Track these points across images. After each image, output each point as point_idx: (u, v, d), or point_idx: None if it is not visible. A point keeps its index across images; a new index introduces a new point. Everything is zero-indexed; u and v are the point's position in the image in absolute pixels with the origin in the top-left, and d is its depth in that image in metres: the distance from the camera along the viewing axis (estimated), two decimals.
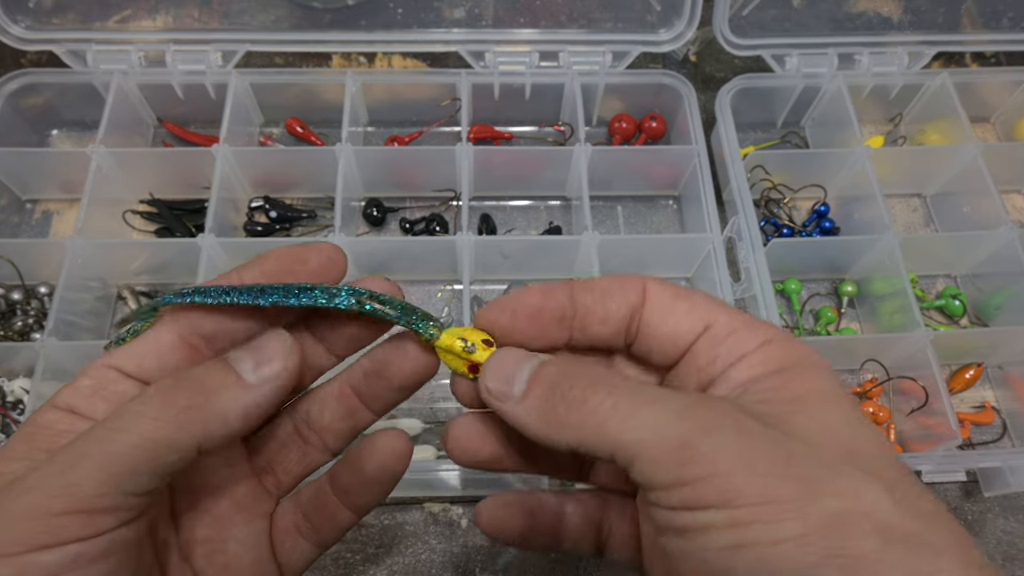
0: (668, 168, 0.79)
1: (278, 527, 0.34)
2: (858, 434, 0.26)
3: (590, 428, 0.26)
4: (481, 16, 0.78)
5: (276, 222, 0.78)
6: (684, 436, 0.24)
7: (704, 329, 0.30)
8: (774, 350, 0.29)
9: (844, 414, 0.27)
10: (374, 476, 0.33)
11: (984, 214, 0.75)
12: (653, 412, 0.25)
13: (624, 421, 0.26)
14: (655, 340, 0.31)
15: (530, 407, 0.28)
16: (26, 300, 0.71)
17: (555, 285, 0.32)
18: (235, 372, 0.28)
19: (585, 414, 0.26)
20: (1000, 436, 0.71)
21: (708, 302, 0.31)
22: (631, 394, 0.26)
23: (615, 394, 0.26)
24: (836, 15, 0.80)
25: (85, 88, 0.77)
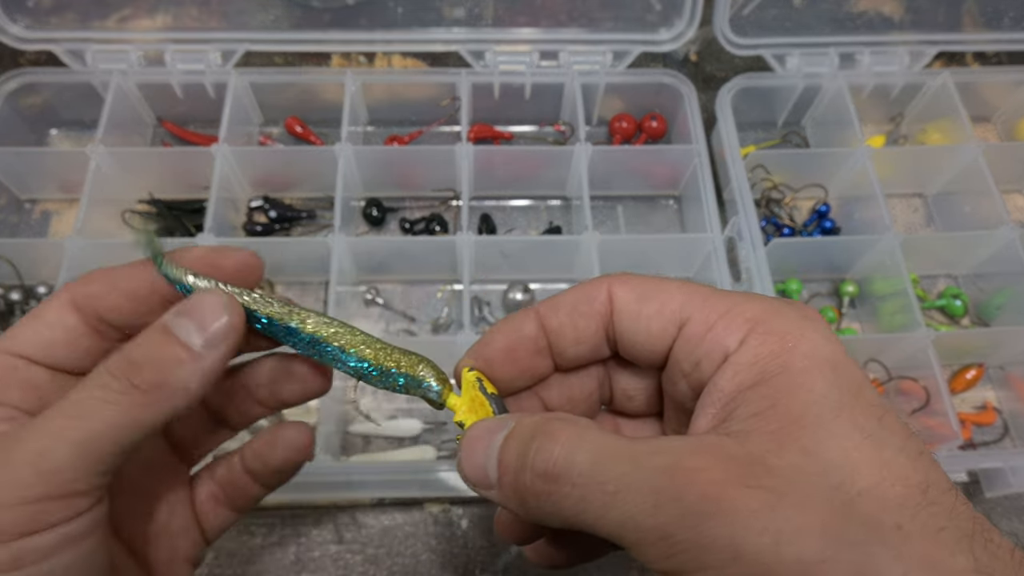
0: (668, 168, 0.79)
1: (198, 496, 0.36)
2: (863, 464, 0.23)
3: (570, 517, 0.25)
4: (481, 16, 0.77)
5: (275, 222, 0.78)
6: (664, 530, 0.23)
7: (677, 331, 0.28)
8: (759, 346, 0.26)
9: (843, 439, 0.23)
10: (278, 467, 0.35)
11: (985, 214, 0.74)
12: (626, 504, 0.23)
13: (597, 519, 0.24)
14: (635, 348, 0.30)
15: (506, 499, 0.27)
16: (25, 300, 0.71)
17: (521, 316, 0.31)
18: (183, 344, 0.27)
19: (558, 503, 0.25)
20: (1001, 436, 0.71)
21: (678, 296, 0.28)
22: (598, 483, 0.24)
23: (580, 482, 0.24)
24: (837, 14, 0.80)
25: (84, 88, 0.77)
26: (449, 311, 0.75)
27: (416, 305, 0.76)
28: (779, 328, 0.26)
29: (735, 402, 0.26)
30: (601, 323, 0.30)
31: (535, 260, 0.75)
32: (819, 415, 0.24)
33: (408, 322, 0.75)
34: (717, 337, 0.27)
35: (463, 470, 0.28)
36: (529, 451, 0.26)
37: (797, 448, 0.23)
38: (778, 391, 0.25)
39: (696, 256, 0.74)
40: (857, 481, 0.22)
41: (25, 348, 0.29)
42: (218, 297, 0.28)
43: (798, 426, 0.24)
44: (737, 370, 0.26)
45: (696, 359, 0.27)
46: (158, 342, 0.27)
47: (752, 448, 0.24)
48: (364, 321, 0.74)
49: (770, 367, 0.25)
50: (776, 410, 0.24)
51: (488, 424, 0.28)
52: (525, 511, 0.26)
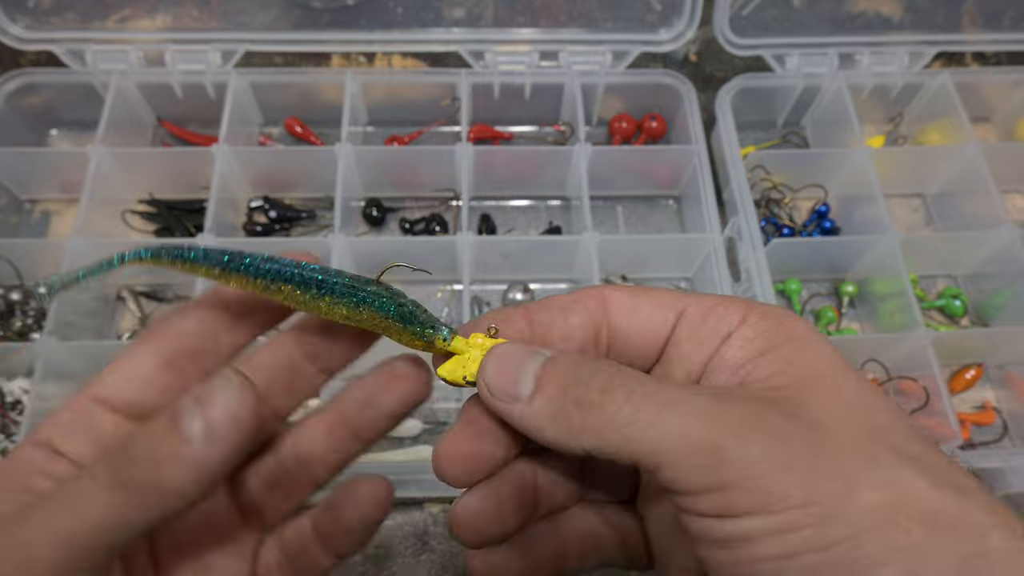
0: (668, 168, 0.79)
1: (261, 565, 0.33)
2: (876, 408, 0.25)
3: (609, 435, 0.25)
4: (481, 16, 0.78)
5: (275, 222, 0.78)
6: (712, 440, 0.23)
7: (677, 318, 0.29)
8: (760, 322, 0.28)
9: (855, 387, 0.26)
10: (354, 527, 0.32)
11: (984, 214, 0.74)
12: (676, 416, 0.24)
13: (646, 427, 0.24)
14: (629, 343, 0.30)
15: (540, 411, 0.26)
16: (25, 300, 0.71)
17: (511, 309, 0.30)
18: (182, 436, 0.24)
19: (604, 420, 0.25)
20: (1001, 436, 0.71)
21: (672, 293, 0.30)
22: (651, 396, 0.25)
23: (634, 398, 0.25)
24: (836, 15, 0.80)
25: (84, 88, 0.77)
26: (449, 311, 0.75)
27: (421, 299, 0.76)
28: (772, 311, 0.28)
29: (745, 368, 0.27)
30: (592, 322, 0.30)
31: (535, 260, 0.75)
32: (833, 370, 0.26)
33: None
34: (718, 316, 0.28)
35: (487, 376, 0.27)
36: (583, 370, 0.26)
37: (823, 391, 0.25)
38: (791, 353, 0.27)
39: (696, 256, 0.74)
40: (879, 418, 0.25)
41: (103, 391, 0.29)
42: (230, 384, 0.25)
43: (816, 377, 0.26)
44: (744, 342, 0.27)
45: (699, 338, 0.28)
46: (159, 431, 0.25)
47: (779, 394, 0.25)
48: None
49: (776, 338, 0.27)
50: (792, 368, 0.26)
51: (519, 347, 0.28)
52: (559, 427, 0.26)
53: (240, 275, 0.29)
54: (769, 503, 0.22)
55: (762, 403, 0.25)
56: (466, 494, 0.29)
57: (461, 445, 0.28)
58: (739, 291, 0.70)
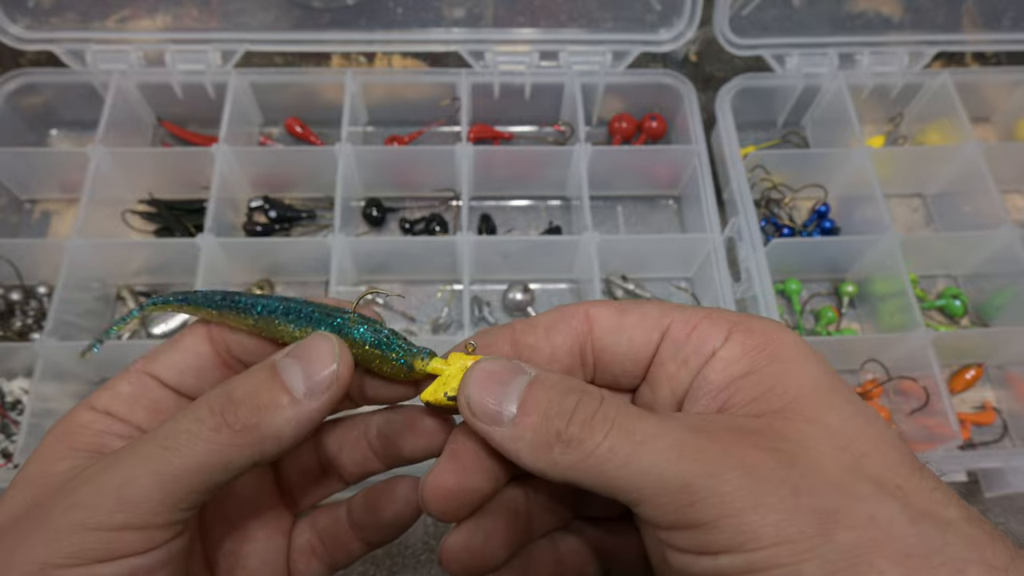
0: (668, 168, 0.79)
1: (295, 546, 0.34)
2: (858, 433, 0.25)
3: (588, 470, 0.25)
4: (481, 16, 0.78)
5: (276, 222, 0.78)
6: (685, 478, 0.23)
7: (661, 336, 0.29)
8: (744, 341, 0.27)
9: (839, 410, 0.25)
10: (389, 521, 0.33)
11: (984, 214, 0.74)
12: (651, 453, 0.24)
13: (623, 465, 0.24)
14: (614, 362, 0.30)
15: (521, 437, 0.26)
16: (25, 300, 0.71)
17: (496, 332, 0.30)
18: (286, 388, 0.27)
19: (581, 456, 0.25)
20: (1001, 436, 0.71)
21: (659, 307, 0.29)
22: (628, 433, 0.25)
23: (612, 434, 0.25)
24: (836, 15, 0.80)
25: (84, 88, 0.77)
26: (449, 311, 0.75)
27: (416, 305, 0.76)
28: (759, 327, 0.28)
29: (728, 391, 0.27)
30: (577, 341, 0.30)
31: (535, 260, 0.75)
32: (815, 392, 0.26)
33: (408, 322, 0.75)
34: (702, 335, 0.28)
35: (471, 399, 0.27)
36: (567, 401, 0.26)
37: (802, 418, 0.25)
38: (772, 377, 0.26)
39: (696, 256, 0.74)
40: (859, 446, 0.24)
41: (161, 370, 0.30)
42: (330, 343, 0.27)
43: (798, 402, 0.25)
44: (727, 363, 0.27)
45: (683, 357, 0.28)
46: (262, 381, 0.27)
47: (759, 423, 0.25)
48: None
49: (759, 359, 0.27)
50: (774, 392, 0.26)
51: (503, 363, 0.27)
52: (539, 456, 0.26)
53: (233, 314, 0.31)
54: (743, 542, 0.22)
55: (740, 434, 0.25)
56: (454, 528, 0.29)
57: (446, 480, 0.28)
58: (739, 291, 0.70)
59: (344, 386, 0.27)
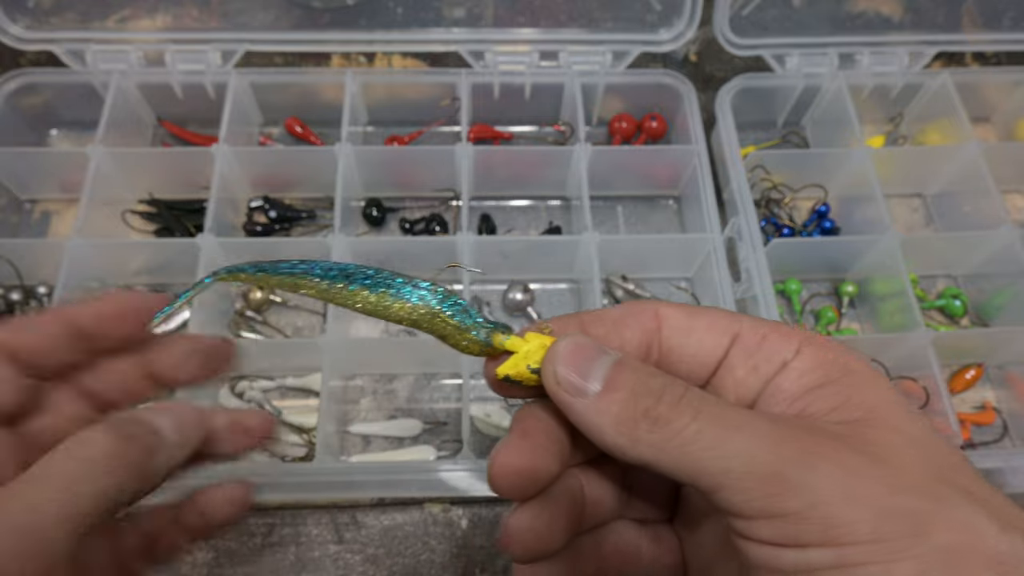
0: (668, 168, 0.79)
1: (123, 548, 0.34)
2: (941, 447, 0.25)
3: (672, 450, 0.25)
4: (481, 16, 0.78)
5: (275, 222, 0.78)
6: (777, 466, 0.23)
7: (731, 341, 0.29)
8: (816, 354, 0.27)
9: (919, 425, 0.25)
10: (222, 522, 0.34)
11: (984, 214, 0.74)
12: (742, 439, 0.24)
13: (711, 448, 0.24)
14: (681, 363, 0.29)
15: (606, 411, 0.26)
16: (25, 300, 0.71)
17: (565, 320, 0.30)
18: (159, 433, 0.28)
19: (668, 435, 0.25)
20: (1001, 436, 0.71)
21: (727, 314, 0.29)
22: (717, 417, 0.25)
23: (701, 417, 0.25)
24: (836, 15, 0.80)
25: (84, 88, 0.77)
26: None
27: None
28: (827, 343, 0.28)
29: (804, 400, 0.27)
30: (644, 338, 0.29)
31: (535, 260, 0.75)
32: (895, 404, 0.26)
33: None
34: (773, 345, 0.28)
35: (556, 363, 0.27)
36: (655, 381, 0.26)
37: (887, 427, 0.25)
38: (849, 387, 0.26)
39: (696, 256, 0.74)
40: (945, 458, 0.24)
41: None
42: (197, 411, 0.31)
43: (881, 412, 0.25)
44: (801, 373, 0.27)
45: (753, 364, 0.28)
46: None
47: (845, 428, 0.25)
48: (364, 322, 0.74)
49: (832, 371, 0.27)
50: (852, 402, 0.26)
51: (590, 341, 0.28)
52: (621, 432, 0.25)
53: (308, 280, 0.31)
54: (835, 536, 0.22)
55: (827, 434, 0.24)
56: (519, 509, 0.29)
57: (517, 459, 0.28)
58: (739, 291, 0.70)
59: None
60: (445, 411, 0.70)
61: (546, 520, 0.29)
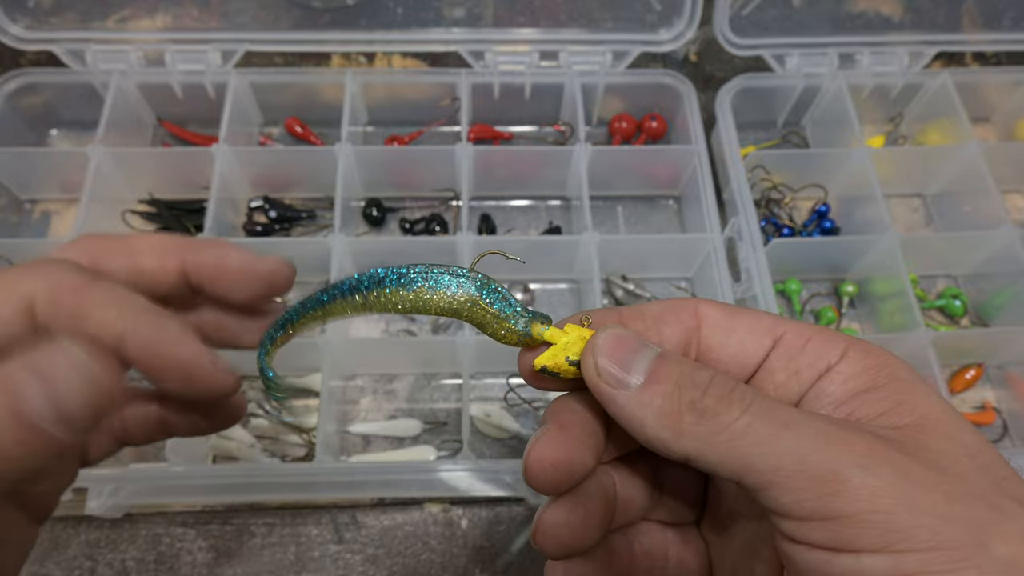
0: (668, 168, 0.79)
1: None
2: (994, 456, 0.24)
3: (719, 445, 0.24)
4: (481, 16, 0.78)
5: (276, 222, 0.78)
6: (832, 466, 0.22)
7: (773, 343, 0.28)
8: (862, 359, 0.26)
9: (971, 433, 0.25)
10: None
11: (985, 214, 0.74)
12: (795, 436, 0.23)
13: (761, 443, 0.23)
14: (720, 363, 0.29)
15: (648, 403, 0.25)
16: None
17: (603, 313, 0.30)
18: None
19: (715, 428, 0.24)
20: (1001, 437, 0.71)
21: (768, 316, 0.29)
22: (768, 413, 0.24)
23: (751, 411, 0.24)
24: (836, 15, 0.80)
25: (84, 88, 0.77)
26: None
27: None
28: (873, 349, 0.27)
29: (851, 404, 0.26)
30: (684, 335, 0.29)
31: (535, 260, 0.75)
32: (947, 411, 0.25)
33: (408, 322, 0.75)
34: (816, 349, 0.27)
35: (598, 356, 0.26)
36: (701, 374, 0.25)
37: (941, 435, 0.24)
38: (898, 393, 0.25)
39: (696, 256, 0.74)
40: (999, 468, 0.24)
41: None
42: None
43: (933, 419, 0.25)
44: (846, 378, 0.26)
45: (795, 368, 0.27)
46: None
47: (897, 433, 0.24)
48: (364, 322, 0.74)
49: (879, 376, 0.26)
50: (904, 407, 0.25)
51: (631, 333, 0.27)
52: (666, 425, 0.25)
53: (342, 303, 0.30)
54: (893, 542, 0.21)
55: (881, 438, 0.24)
56: (553, 503, 0.28)
57: (554, 452, 0.27)
58: (739, 291, 0.70)
59: None
60: (445, 411, 0.70)
61: (580, 516, 0.28)
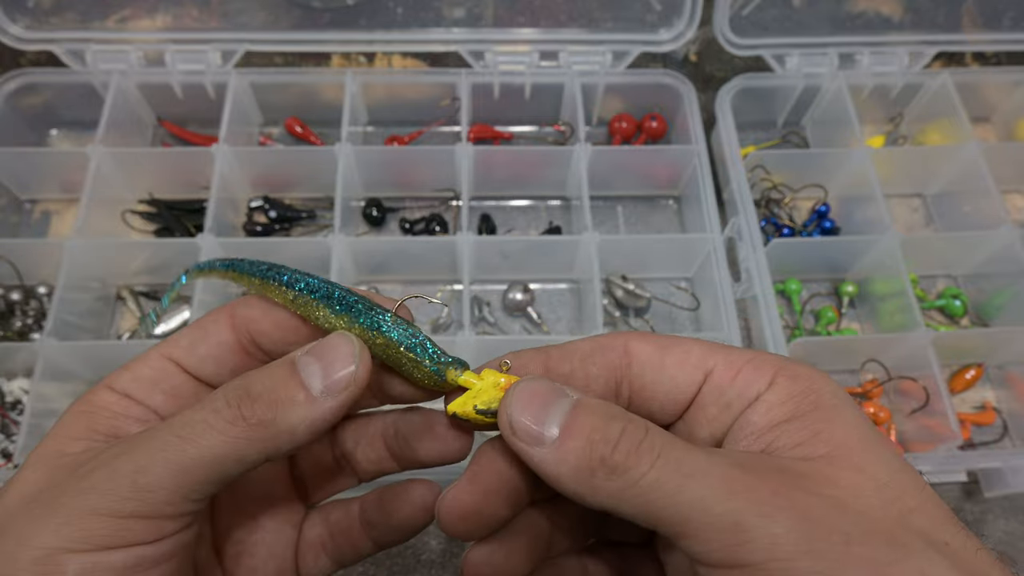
0: (668, 168, 0.79)
1: (304, 538, 0.34)
2: (905, 487, 0.24)
3: (631, 498, 0.24)
4: (481, 16, 0.78)
5: (275, 222, 0.78)
6: (736, 517, 0.23)
7: (704, 377, 0.28)
8: (788, 386, 0.27)
9: (885, 463, 0.25)
10: (401, 524, 0.33)
11: (984, 214, 0.74)
12: (700, 487, 0.23)
13: (668, 496, 0.23)
14: (653, 400, 0.29)
15: (562, 461, 0.25)
16: (25, 300, 0.71)
17: (529, 356, 0.30)
18: (304, 385, 0.26)
19: (626, 483, 0.24)
20: (1001, 436, 0.71)
21: (700, 346, 0.29)
22: (675, 465, 0.24)
23: (659, 464, 0.24)
24: (836, 15, 0.80)
25: (84, 88, 0.77)
26: (449, 311, 0.75)
27: (416, 305, 0.76)
28: (802, 374, 0.27)
29: (772, 434, 0.26)
30: (614, 375, 0.29)
31: (535, 260, 0.75)
32: (863, 440, 0.25)
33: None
34: (747, 380, 0.27)
35: (513, 418, 0.26)
36: (612, 427, 0.25)
37: (851, 467, 0.25)
38: (817, 422, 0.26)
39: (696, 256, 0.74)
40: (906, 500, 0.24)
41: (181, 356, 0.30)
42: (350, 345, 0.27)
43: (846, 449, 0.25)
44: (770, 407, 0.27)
45: (726, 401, 0.28)
46: (280, 377, 0.27)
47: (807, 466, 0.25)
48: None
49: (803, 405, 0.26)
50: (820, 437, 0.25)
51: (546, 384, 0.27)
52: (580, 481, 0.25)
53: (275, 286, 0.30)
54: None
55: (788, 476, 0.24)
56: (477, 544, 0.29)
57: (466, 501, 0.28)
58: (739, 291, 0.70)
59: (361, 387, 0.27)
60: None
61: (503, 555, 0.29)
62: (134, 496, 0.24)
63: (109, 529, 0.24)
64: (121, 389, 0.29)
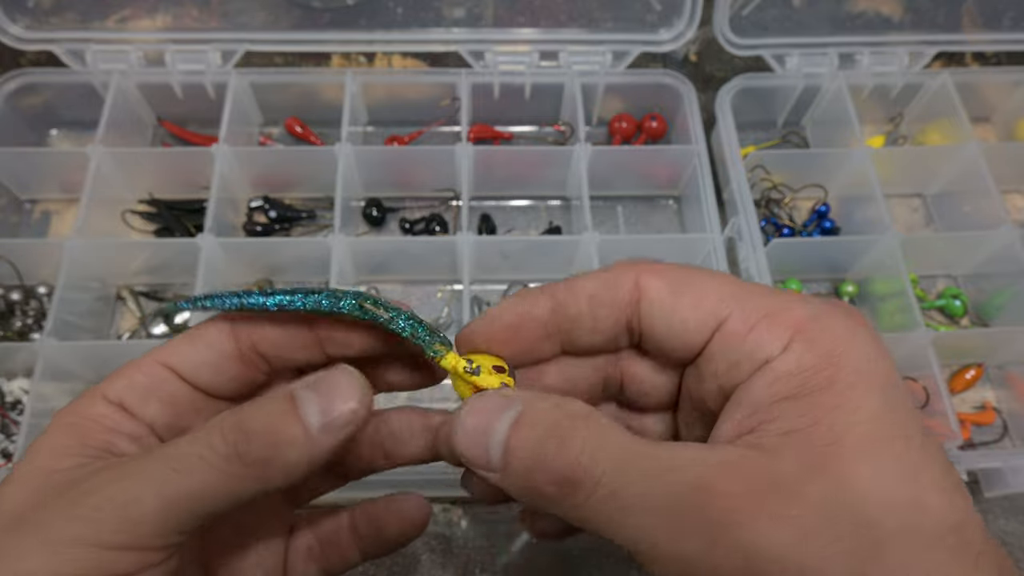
0: (668, 168, 0.79)
1: (293, 547, 0.34)
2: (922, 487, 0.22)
3: (576, 519, 0.24)
4: (481, 16, 0.78)
5: (276, 222, 0.78)
6: (681, 555, 0.22)
7: (718, 325, 0.26)
8: (802, 355, 0.24)
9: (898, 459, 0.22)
10: (390, 537, 0.33)
11: (985, 214, 0.74)
12: (642, 522, 0.22)
13: (610, 523, 0.23)
14: (663, 340, 0.27)
15: (512, 485, 0.25)
16: (25, 300, 0.71)
17: (535, 296, 0.29)
18: (302, 422, 0.25)
19: (567, 508, 0.24)
20: (1001, 436, 0.71)
21: (718, 288, 0.26)
22: (616, 487, 0.23)
23: (598, 490, 0.23)
24: (836, 15, 0.80)
25: (84, 88, 0.77)
26: (449, 311, 0.75)
27: (416, 305, 0.76)
28: (827, 337, 0.24)
29: (768, 413, 0.24)
30: (624, 314, 0.28)
31: (535, 260, 0.75)
32: (860, 440, 0.22)
33: None
34: (759, 339, 0.25)
35: (459, 444, 0.26)
36: (545, 450, 0.24)
37: (832, 477, 0.22)
38: (819, 408, 0.23)
39: (696, 256, 0.74)
40: (890, 521, 0.21)
41: (178, 363, 0.29)
42: (353, 379, 0.26)
43: (836, 451, 0.22)
44: (776, 377, 0.24)
45: (734, 359, 0.25)
46: (278, 414, 0.25)
47: (783, 468, 0.22)
48: None
49: (813, 380, 0.24)
50: (814, 430, 0.23)
51: (492, 401, 0.26)
52: (532, 502, 0.25)
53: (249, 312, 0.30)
54: None
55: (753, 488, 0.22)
56: None
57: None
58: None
59: (361, 424, 0.26)
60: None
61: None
62: (123, 529, 0.24)
63: (96, 560, 0.24)
64: (115, 398, 0.28)
